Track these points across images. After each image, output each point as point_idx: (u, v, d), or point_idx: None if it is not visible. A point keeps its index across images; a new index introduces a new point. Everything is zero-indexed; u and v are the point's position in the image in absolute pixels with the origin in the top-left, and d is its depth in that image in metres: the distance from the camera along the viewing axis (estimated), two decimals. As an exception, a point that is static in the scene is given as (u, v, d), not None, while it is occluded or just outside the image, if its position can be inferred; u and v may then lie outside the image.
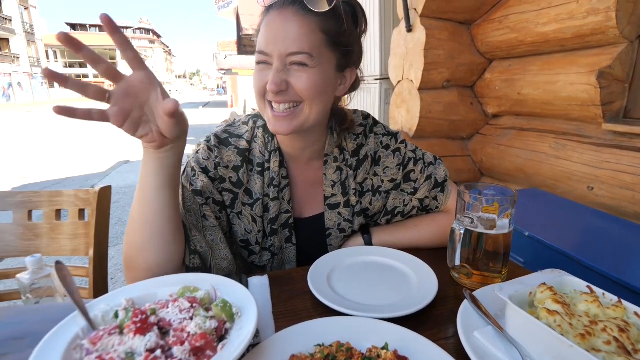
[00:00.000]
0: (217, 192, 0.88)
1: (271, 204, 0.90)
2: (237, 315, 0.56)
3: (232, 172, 0.89)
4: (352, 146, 0.96)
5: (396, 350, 0.53)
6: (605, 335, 0.48)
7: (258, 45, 0.80)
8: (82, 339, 0.52)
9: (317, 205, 0.97)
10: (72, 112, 0.58)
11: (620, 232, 1.19)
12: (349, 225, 0.96)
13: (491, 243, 0.72)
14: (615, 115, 1.52)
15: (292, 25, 0.75)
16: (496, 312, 0.61)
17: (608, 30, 1.41)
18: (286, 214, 0.93)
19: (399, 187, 0.98)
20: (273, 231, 0.91)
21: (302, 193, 0.97)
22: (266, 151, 0.91)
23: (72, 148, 9.42)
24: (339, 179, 0.95)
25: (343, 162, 0.95)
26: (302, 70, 0.77)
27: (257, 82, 0.81)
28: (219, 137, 0.91)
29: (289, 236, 0.94)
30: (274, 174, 0.90)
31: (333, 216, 0.96)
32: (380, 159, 0.98)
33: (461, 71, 2.07)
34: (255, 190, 0.90)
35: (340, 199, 0.95)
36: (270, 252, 0.92)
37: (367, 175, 0.97)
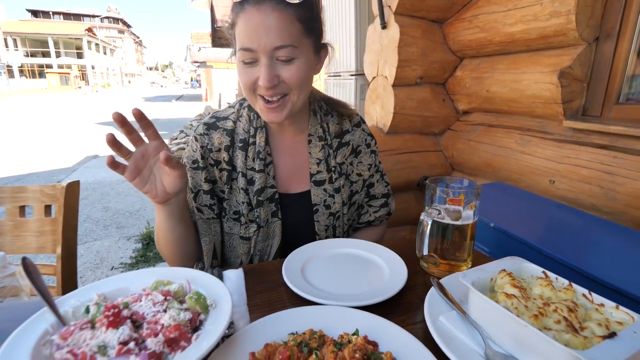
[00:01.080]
0: (207, 180, 0.94)
1: (256, 176, 0.94)
2: (212, 306, 0.57)
3: (225, 152, 0.95)
4: (333, 128, 1.05)
5: (366, 335, 0.56)
6: (556, 315, 0.52)
7: (239, 42, 0.81)
8: (52, 334, 0.51)
9: (303, 183, 1.02)
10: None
11: (578, 222, 1.27)
12: (333, 200, 1.02)
13: (457, 233, 0.76)
14: (575, 113, 1.60)
15: (272, 20, 0.78)
16: (461, 297, 0.65)
17: (568, 32, 1.48)
18: (271, 188, 0.97)
19: (364, 185, 1.10)
20: (259, 203, 0.94)
21: (288, 170, 1.01)
22: (251, 127, 0.97)
23: (35, 142, 8.95)
24: (324, 156, 1.01)
25: (325, 141, 1.02)
26: (290, 64, 0.82)
27: (246, 79, 0.84)
28: (207, 124, 0.97)
29: (274, 210, 0.97)
30: (260, 148, 0.95)
31: (319, 192, 1.01)
32: (360, 153, 1.09)
33: (433, 68, 2.12)
34: (237, 164, 0.95)
35: (325, 175, 1.01)
36: (256, 223, 0.95)
37: (344, 160, 1.05)
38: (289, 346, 0.52)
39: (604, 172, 1.43)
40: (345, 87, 3.22)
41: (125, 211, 4.39)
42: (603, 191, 1.43)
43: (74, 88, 43.18)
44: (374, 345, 0.54)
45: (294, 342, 0.53)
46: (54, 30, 47.97)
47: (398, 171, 2.18)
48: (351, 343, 0.53)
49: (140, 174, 0.73)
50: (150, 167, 0.74)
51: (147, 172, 0.74)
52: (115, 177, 5.92)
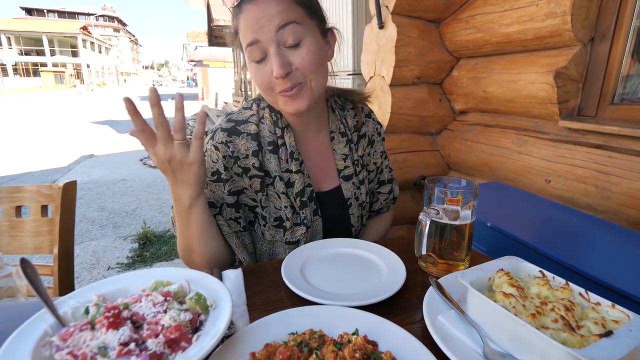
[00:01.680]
0: (231, 193, 0.90)
1: (295, 177, 0.92)
2: (212, 307, 0.57)
3: (253, 157, 0.90)
4: (352, 122, 1.05)
5: (366, 335, 0.56)
6: (553, 314, 0.52)
7: (244, 40, 0.81)
8: (52, 335, 0.51)
9: (330, 178, 1.02)
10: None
11: (573, 221, 1.28)
12: (360, 192, 1.04)
13: (455, 233, 0.76)
14: (570, 113, 1.62)
15: (270, 7, 0.77)
16: (459, 297, 0.65)
17: (564, 32, 1.50)
18: (309, 187, 0.95)
19: (377, 172, 1.13)
20: (303, 204, 0.93)
21: (315, 167, 1.00)
22: (277, 128, 0.93)
23: (30, 141, 8.89)
24: (349, 152, 1.02)
25: (347, 137, 1.03)
26: (299, 48, 0.80)
27: (261, 78, 0.82)
28: (226, 129, 0.91)
29: (315, 209, 0.97)
30: (292, 148, 0.93)
31: (349, 187, 1.02)
32: (374, 143, 1.11)
33: (430, 68, 2.13)
34: (271, 168, 0.91)
35: (351, 169, 1.02)
36: (304, 224, 0.93)
37: (363, 152, 1.07)
38: (289, 346, 0.52)
39: (599, 171, 1.45)
40: (342, 87, 3.23)
41: (122, 211, 4.38)
42: (598, 190, 1.45)
43: (69, 87, 42.87)
44: (373, 345, 0.54)
45: (294, 342, 0.53)
46: (48, 29, 47.54)
47: (395, 171, 2.16)
48: (351, 343, 0.53)
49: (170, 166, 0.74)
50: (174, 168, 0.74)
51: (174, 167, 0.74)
52: (111, 176, 5.90)
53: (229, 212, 0.90)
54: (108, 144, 8.82)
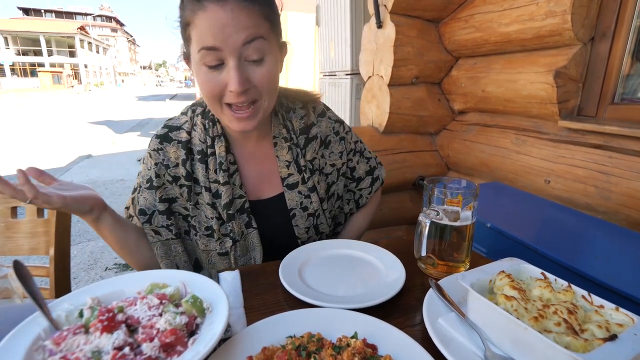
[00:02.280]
0: (162, 200, 0.90)
1: (222, 189, 0.89)
2: (208, 310, 0.56)
3: (182, 167, 0.89)
4: (298, 124, 0.98)
5: (365, 338, 0.55)
6: (556, 317, 0.51)
7: (200, 41, 0.72)
8: (45, 339, 0.50)
9: (274, 186, 0.97)
10: None
11: (573, 222, 1.28)
12: (309, 201, 0.97)
13: (455, 234, 0.75)
14: (570, 113, 1.61)
15: (241, 17, 0.71)
16: (459, 299, 0.64)
17: (564, 32, 1.49)
18: (240, 198, 0.92)
19: (339, 174, 1.05)
20: (230, 216, 0.89)
21: (256, 175, 0.96)
22: (208, 137, 0.90)
23: (27, 141, 8.86)
24: (292, 158, 0.96)
25: (292, 142, 0.96)
26: (260, 65, 0.76)
27: (211, 86, 0.76)
28: (159, 136, 0.91)
29: (248, 221, 0.92)
30: (221, 159, 0.89)
31: (294, 196, 0.96)
32: (330, 143, 1.03)
33: (429, 68, 2.12)
34: (200, 177, 0.90)
35: (297, 177, 0.96)
36: (231, 238, 0.90)
37: (315, 155, 1.00)
38: (287, 350, 0.51)
39: (599, 172, 1.44)
40: (341, 87, 3.21)
41: (120, 211, 4.32)
42: (598, 191, 1.44)
43: (66, 87, 42.74)
44: (372, 349, 0.54)
45: (292, 346, 0.52)
46: (45, 29, 47.39)
47: (394, 171, 2.18)
48: (350, 346, 0.52)
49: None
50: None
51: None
52: (109, 177, 5.87)
53: (160, 219, 0.90)
54: (106, 144, 8.79)
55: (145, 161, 0.92)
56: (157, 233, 0.91)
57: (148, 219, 0.90)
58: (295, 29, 7.13)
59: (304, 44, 7.32)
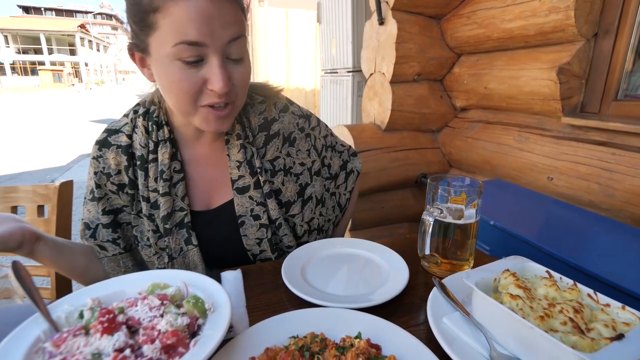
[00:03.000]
0: (106, 212, 0.83)
1: (161, 200, 0.80)
2: (210, 310, 0.55)
3: (124, 174, 0.82)
4: (257, 121, 0.89)
5: (369, 339, 0.54)
6: (561, 316, 0.51)
7: (179, 34, 0.64)
8: (44, 341, 0.49)
9: (225, 192, 0.87)
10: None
11: (577, 219, 1.27)
12: (263, 209, 0.85)
13: (459, 232, 0.75)
14: (573, 110, 1.60)
15: (227, 11, 0.66)
16: (463, 298, 0.64)
17: (567, 28, 1.48)
18: (181, 211, 0.82)
19: (311, 173, 0.94)
20: (166, 231, 0.81)
21: (207, 182, 0.87)
22: (150, 141, 0.81)
23: (28, 140, 8.86)
24: (244, 157, 0.85)
25: (246, 140, 0.86)
26: (240, 65, 0.71)
27: (187, 85, 0.67)
28: (98, 142, 0.83)
29: (187, 237, 0.82)
30: (163, 167, 0.80)
31: (244, 201, 0.85)
32: (295, 140, 0.93)
33: (431, 65, 2.11)
34: (139, 185, 0.82)
35: (248, 180, 0.85)
36: (167, 254, 0.82)
37: (278, 154, 0.90)
38: (290, 350, 0.51)
39: (603, 168, 1.43)
40: (342, 84, 3.20)
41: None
42: (601, 188, 1.43)
43: (67, 85, 42.74)
44: (376, 349, 0.53)
45: (295, 346, 0.52)
46: (46, 27, 47.32)
47: (395, 168, 2.17)
48: (354, 346, 0.51)
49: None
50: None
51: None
52: (110, 175, 5.86)
53: (104, 233, 0.83)
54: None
55: (89, 169, 0.84)
56: (103, 248, 0.84)
57: (92, 233, 0.83)
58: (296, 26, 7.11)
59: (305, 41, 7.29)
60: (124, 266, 0.86)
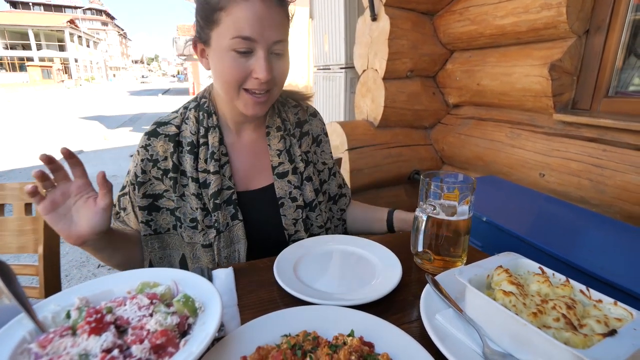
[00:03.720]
0: (145, 196, 0.90)
1: (212, 179, 0.89)
2: (200, 309, 0.54)
3: (169, 159, 0.90)
4: (293, 118, 1.04)
5: (362, 336, 0.54)
6: (554, 312, 0.51)
7: (236, 29, 0.77)
8: (30, 342, 0.48)
9: (265, 176, 0.98)
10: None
11: (568, 215, 1.28)
12: (299, 192, 0.97)
13: (452, 229, 0.74)
14: (565, 106, 1.61)
15: (275, 14, 0.79)
16: (456, 295, 0.64)
17: (559, 24, 1.48)
18: (228, 190, 0.91)
19: (330, 173, 1.10)
20: (216, 206, 0.89)
21: (248, 166, 0.97)
22: (201, 127, 0.92)
23: (17, 137, 8.72)
24: (284, 147, 0.98)
25: (286, 132, 1.00)
26: (281, 60, 0.83)
27: (237, 71, 0.80)
28: (147, 133, 0.92)
29: (234, 213, 0.91)
30: (213, 148, 0.91)
31: (283, 185, 0.97)
32: (321, 142, 1.09)
33: (424, 61, 2.11)
34: (187, 168, 0.90)
35: (287, 166, 0.98)
36: (215, 228, 0.89)
37: (309, 149, 1.05)
38: (282, 349, 0.50)
39: (593, 165, 1.44)
40: (335, 81, 3.19)
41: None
42: (592, 184, 1.45)
43: (56, 82, 42.03)
44: (369, 347, 0.52)
45: (287, 345, 0.51)
46: (34, 22, 46.46)
47: (388, 165, 2.17)
48: (347, 345, 0.51)
49: (55, 210, 0.68)
50: (68, 207, 0.70)
51: (63, 211, 0.69)
52: (100, 172, 5.79)
53: (140, 215, 0.90)
54: (97, 139, 8.68)
55: (134, 159, 0.92)
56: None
57: (125, 215, 0.93)
58: (288, 22, 7.04)
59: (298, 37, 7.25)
60: (150, 247, 0.91)
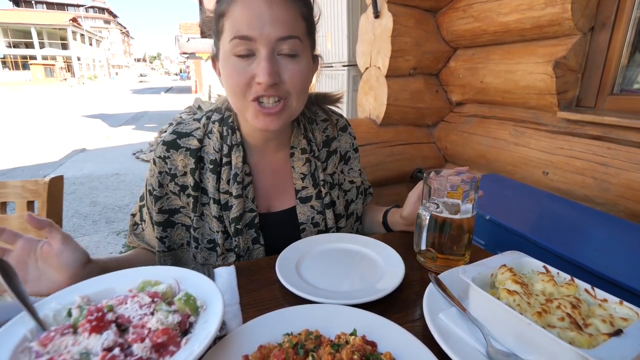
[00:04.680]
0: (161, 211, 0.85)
1: (234, 202, 0.84)
2: (202, 308, 0.54)
3: (190, 176, 0.84)
4: (320, 137, 0.96)
5: (364, 335, 0.53)
6: (559, 312, 0.50)
7: (233, 30, 0.70)
8: (31, 340, 0.48)
9: (287, 198, 0.93)
10: None
11: (572, 214, 1.27)
12: (322, 217, 0.93)
13: (455, 227, 0.74)
14: (569, 104, 1.60)
15: (279, 9, 0.70)
16: (460, 293, 0.63)
17: (564, 21, 1.47)
18: (250, 212, 0.87)
19: (358, 192, 1.03)
20: (237, 231, 0.84)
21: (270, 187, 0.92)
22: (225, 145, 0.85)
23: (20, 135, 8.75)
24: (309, 170, 0.92)
25: (311, 154, 0.93)
26: (292, 61, 0.73)
27: (238, 77, 0.72)
28: (166, 143, 0.85)
29: (255, 237, 0.87)
30: (237, 170, 0.84)
31: (306, 210, 0.92)
32: (350, 160, 1.02)
33: (427, 59, 2.09)
34: (209, 188, 0.85)
35: (311, 191, 0.92)
36: (235, 253, 0.86)
37: (335, 169, 0.98)
38: (284, 348, 0.50)
39: (598, 163, 1.43)
40: (337, 79, 3.18)
41: (114, 205, 4.32)
42: (596, 182, 1.43)
43: (59, 80, 42.18)
44: (372, 346, 0.52)
45: (290, 344, 0.51)
46: (37, 20, 46.58)
47: (391, 163, 2.16)
48: (349, 344, 0.51)
49: (28, 282, 0.64)
50: (35, 269, 0.64)
51: (33, 276, 0.65)
52: (103, 171, 5.83)
53: (156, 230, 0.86)
54: (100, 137, 8.71)
55: (151, 167, 0.86)
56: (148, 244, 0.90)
57: (142, 228, 0.90)
58: (290, 20, 7.03)
59: (300, 35, 7.20)
60: (164, 264, 0.87)
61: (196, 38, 19.45)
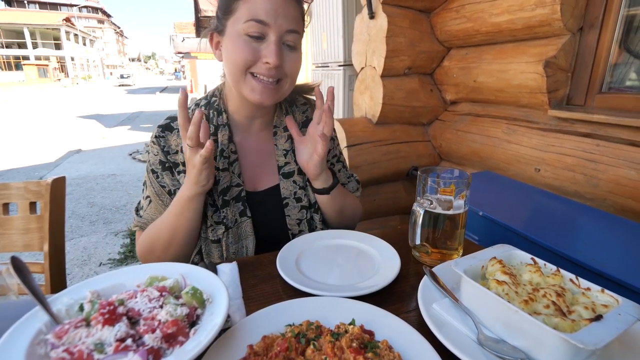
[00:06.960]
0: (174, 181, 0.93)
1: (221, 175, 0.91)
2: (208, 301, 0.57)
3: (181, 153, 0.92)
4: (300, 118, 1.05)
5: (362, 325, 0.56)
6: (545, 300, 0.53)
7: (251, 12, 0.79)
8: (46, 333, 0.50)
9: (271, 177, 1.00)
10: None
11: (562, 209, 1.31)
12: (304, 192, 0.99)
13: (448, 222, 0.77)
14: (559, 102, 1.64)
15: (291, 6, 0.82)
16: (453, 285, 0.66)
17: (553, 22, 1.50)
18: (237, 187, 0.93)
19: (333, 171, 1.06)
20: (225, 202, 0.91)
21: (254, 167, 0.99)
22: (212, 125, 0.94)
23: (14, 137, 8.69)
24: (291, 147, 0.99)
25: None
26: (292, 51, 0.85)
27: (247, 54, 0.81)
28: (162, 126, 0.94)
29: (242, 209, 0.93)
30: (223, 146, 0.92)
31: (288, 185, 0.98)
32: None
33: (421, 59, 2.13)
34: None
35: (293, 166, 0.99)
36: (224, 224, 0.91)
37: None
38: (286, 337, 0.53)
39: (587, 159, 1.47)
40: (333, 78, 3.21)
41: (112, 206, 4.32)
42: (586, 178, 1.47)
43: (53, 80, 41.81)
44: (370, 334, 0.55)
45: (292, 334, 0.54)
46: (29, 20, 46.12)
47: (387, 162, 2.19)
48: (348, 333, 0.54)
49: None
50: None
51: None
52: (99, 171, 5.81)
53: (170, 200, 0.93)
54: (96, 138, 8.67)
55: (151, 149, 0.94)
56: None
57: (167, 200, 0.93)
58: (286, 19, 7.02)
59: (295, 34, 7.19)
60: None
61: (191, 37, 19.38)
